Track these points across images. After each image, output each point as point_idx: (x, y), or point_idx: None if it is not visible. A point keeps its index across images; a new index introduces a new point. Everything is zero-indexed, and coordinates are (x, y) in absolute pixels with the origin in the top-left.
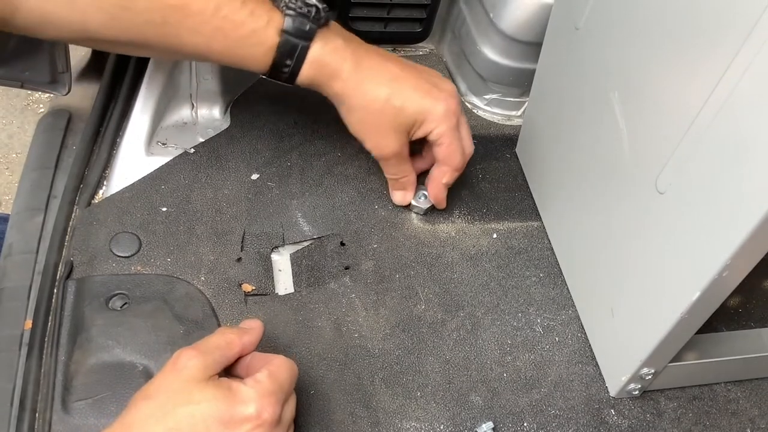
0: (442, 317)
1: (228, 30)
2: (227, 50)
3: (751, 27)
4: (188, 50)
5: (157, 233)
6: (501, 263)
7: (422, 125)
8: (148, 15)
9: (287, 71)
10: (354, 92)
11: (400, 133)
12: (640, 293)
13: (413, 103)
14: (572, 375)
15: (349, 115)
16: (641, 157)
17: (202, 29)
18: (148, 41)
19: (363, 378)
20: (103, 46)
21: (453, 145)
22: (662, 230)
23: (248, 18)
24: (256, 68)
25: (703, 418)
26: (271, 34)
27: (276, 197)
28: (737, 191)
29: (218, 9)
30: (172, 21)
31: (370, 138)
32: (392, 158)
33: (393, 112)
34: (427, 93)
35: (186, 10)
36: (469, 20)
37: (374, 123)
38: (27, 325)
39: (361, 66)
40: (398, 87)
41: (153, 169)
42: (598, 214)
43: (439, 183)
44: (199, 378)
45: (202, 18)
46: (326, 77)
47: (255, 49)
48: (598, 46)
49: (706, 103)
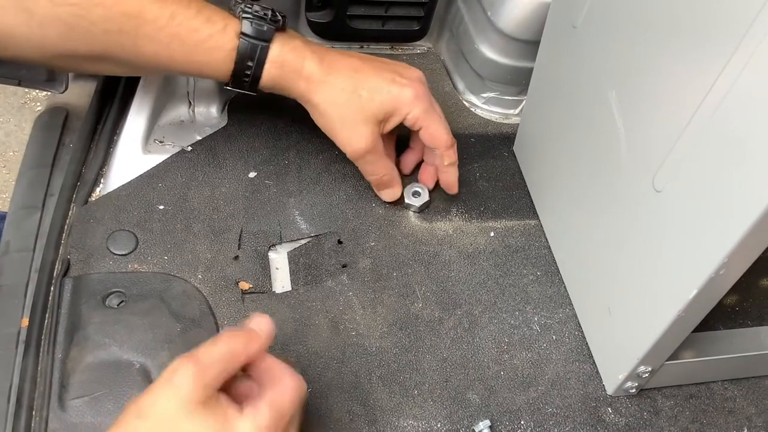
0: (439, 315)
1: (185, 36)
2: (186, 57)
3: (749, 25)
4: (148, 60)
5: (154, 231)
6: (498, 261)
7: (393, 114)
8: (105, 24)
9: (249, 74)
10: (318, 87)
11: (370, 125)
12: (637, 291)
13: (380, 92)
14: (569, 373)
15: (316, 112)
16: (638, 155)
17: (159, 36)
18: (108, 52)
19: (360, 376)
20: (64, 64)
21: (434, 124)
22: (659, 228)
23: (204, 24)
24: (217, 74)
25: (700, 416)
26: (230, 38)
27: (273, 195)
28: (734, 189)
29: (173, 16)
30: (128, 29)
31: (340, 134)
32: (366, 154)
33: (359, 103)
34: (392, 81)
35: (141, 18)
36: (467, 19)
37: (342, 116)
38: (24, 323)
39: (323, 61)
40: (362, 77)
41: (150, 167)
42: (595, 212)
43: (442, 166)
44: (197, 399)
45: (158, 25)
46: (289, 77)
47: (214, 54)
48: (596, 45)
49: (704, 102)
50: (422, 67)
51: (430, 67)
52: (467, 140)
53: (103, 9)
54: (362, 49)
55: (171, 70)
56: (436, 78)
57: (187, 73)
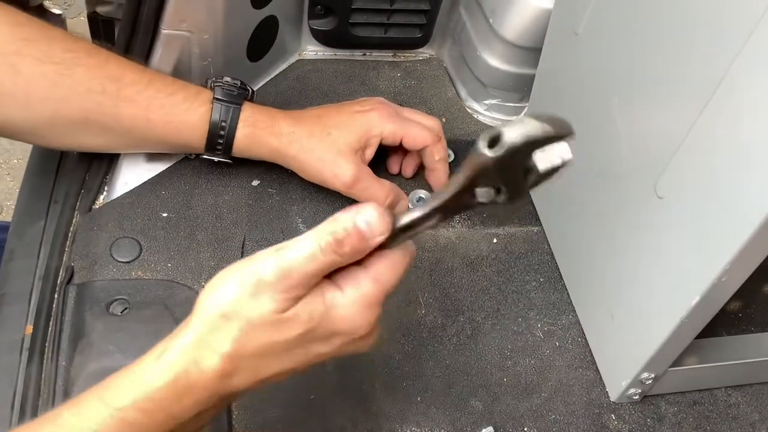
0: (442, 322)
1: (162, 98)
2: (163, 119)
3: (750, 32)
4: (127, 124)
5: (158, 238)
6: (501, 268)
7: (368, 139)
8: (88, 83)
9: (224, 134)
10: (290, 139)
11: (350, 156)
12: (640, 298)
13: (347, 126)
14: (572, 380)
15: (295, 163)
16: (640, 162)
17: (138, 99)
18: (89, 116)
19: (363, 383)
20: (48, 134)
21: (410, 130)
22: (662, 235)
23: (180, 89)
24: (192, 137)
25: (704, 422)
26: (204, 100)
27: (276, 203)
28: (736, 196)
29: (151, 82)
30: (110, 90)
31: (324, 173)
32: (357, 183)
33: (331, 141)
34: (354, 113)
35: (121, 82)
36: (469, 26)
37: (320, 158)
38: (28, 330)
39: (289, 117)
40: (327, 120)
41: (154, 175)
42: (597, 218)
43: (433, 163)
44: (283, 308)
45: (137, 88)
46: (262, 135)
47: (190, 115)
48: (598, 52)
49: (705, 109)
50: (425, 74)
51: (432, 74)
52: (470, 147)
53: (86, 69)
54: (365, 56)
55: (147, 138)
56: (438, 85)
57: (163, 140)
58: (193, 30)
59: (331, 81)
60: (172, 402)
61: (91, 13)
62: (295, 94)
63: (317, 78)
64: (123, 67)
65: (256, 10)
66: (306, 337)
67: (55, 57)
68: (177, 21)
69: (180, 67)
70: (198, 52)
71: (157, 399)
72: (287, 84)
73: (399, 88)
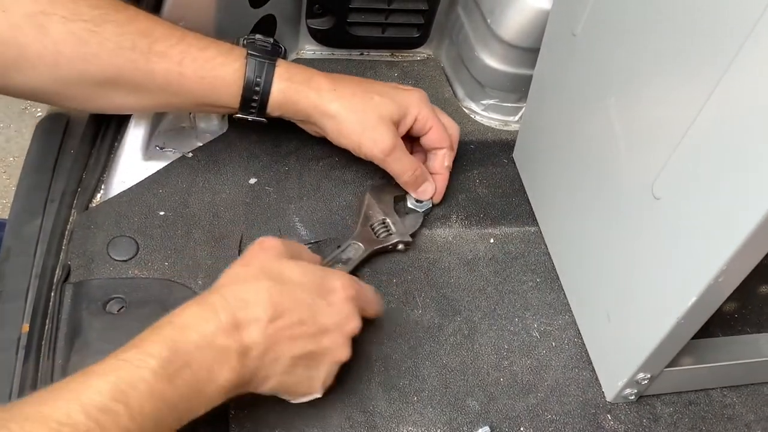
0: (438, 322)
1: (195, 53)
2: (196, 74)
3: (748, 33)
4: (160, 81)
5: (155, 237)
6: (498, 268)
7: (406, 115)
8: (117, 39)
9: (259, 90)
10: (331, 96)
11: (389, 124)
12: (637, 298)
13: (390, 95)
14: (569, 380)
15: (333, 122)
16: (637, 162)
17: (171, 53)
18: (120, 73)
19: (360, 382)
20: (76, 94)
21: (440, 125)
22: (658, 235)
23: (212, 44)
24: (227, 93)
25: (699, 423)
26: (238, 55)
27: (274, 201)
28: (733, 197)
29: (183, 37)
30: (141, 46)
31: (364, 137)
32: (395, 151)
33: (374, 105)
34: (395, 87)
35: (153, 36)
36: (467, 26)
37: (362, 120)
38: (24, 329)
39: (328, 75)
40: (369, 85)
41: (151, 173)
42: (594, 219)
43: (440, 168)
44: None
45: (169, 42)
46: (299, 89)
47: (225, 70)
48: (595, 53)
49: (703, 110)
50: (422, 74)
51: (430, 74)
52: (467, 147)
53: (115, 26)
54: (362, 56)
55: (180, 95)
56: (436, 85)
57: (196, 97)
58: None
59: None
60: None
61: None
62: None
63: None
64: (153, 22)
65: (254, 9)
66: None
67: (83, 14)
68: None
69: None
70: None
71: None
72: None
73: None
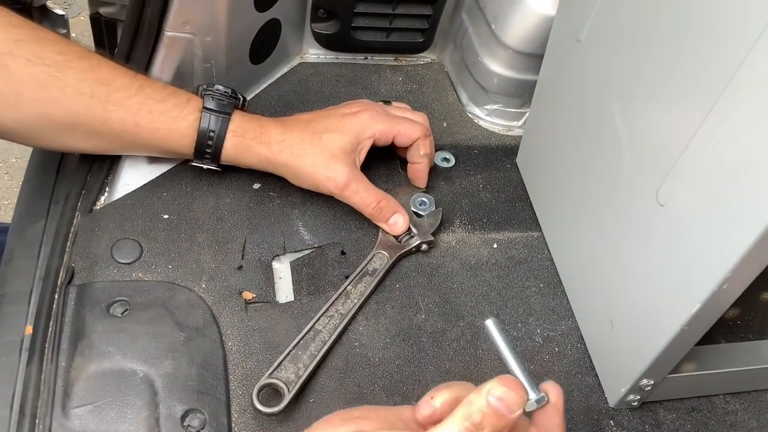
0: (442, 327)
1: (151, 105)
2: (152, 125)
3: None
4: (116, 129)
5: (159, 240)
6: (501, 273)
7: (360, 141)
8: (77, 85)
9: (211, 144)
10: (280, 148)
11: (343, 158)
12: (640, 305)
13: (338, 129)
14: (572, 385)
15: (286, 170)
16: (642, 169)
17: (128, 103)
18: (78, 118)
19: (363, 387)
20: (37, 135)
21: (402, 126)
22: (663, 242)
23: (170, 96)
24: (180, 144)
25: (702, 429)
26: (194, 108)
27: (277, 206)
28: (738, 204)
29: (142, 87)
30: (100, 94)
31: (318, 177)
32: (349, 185)
33: (323, 145)
34: (343, 116)
35: (112, 86)
36: (471, 31)
37: (312, 162)
38: (28, 331)
39: (278, 124)
40: (316, 125)
41: (155, 176)
42: (598, 225)
43: (417, 157)
44: None
45: (127, 93)
46: (251, 144)
47: (179, 123)
48: (600, 59)
49: (708, 117)
50: (426, 78)
51: (434, 79)
52: (470, 152)
53: (77, 72)
54: (366, 60)
55: (136, 143)
56: (439, 89)
57: (151, 145)
58: (196, 32)
59: (332, 84)
60: None
61: (93, 15)
62: (297, 98)
63: (319, 81)
64: (114, 71)
65: (259, 13)
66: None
67: (46, 59)
68: (180, 23)
69: (182, 69)
70: (201, 55)
71: None
72: (289, 87)
73: (400, 92)
